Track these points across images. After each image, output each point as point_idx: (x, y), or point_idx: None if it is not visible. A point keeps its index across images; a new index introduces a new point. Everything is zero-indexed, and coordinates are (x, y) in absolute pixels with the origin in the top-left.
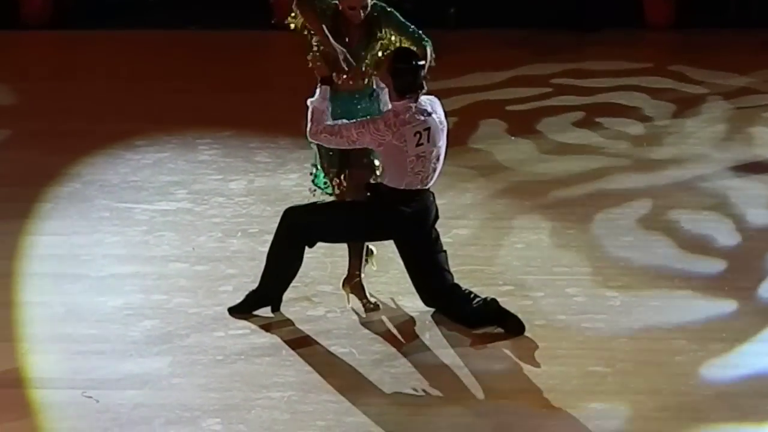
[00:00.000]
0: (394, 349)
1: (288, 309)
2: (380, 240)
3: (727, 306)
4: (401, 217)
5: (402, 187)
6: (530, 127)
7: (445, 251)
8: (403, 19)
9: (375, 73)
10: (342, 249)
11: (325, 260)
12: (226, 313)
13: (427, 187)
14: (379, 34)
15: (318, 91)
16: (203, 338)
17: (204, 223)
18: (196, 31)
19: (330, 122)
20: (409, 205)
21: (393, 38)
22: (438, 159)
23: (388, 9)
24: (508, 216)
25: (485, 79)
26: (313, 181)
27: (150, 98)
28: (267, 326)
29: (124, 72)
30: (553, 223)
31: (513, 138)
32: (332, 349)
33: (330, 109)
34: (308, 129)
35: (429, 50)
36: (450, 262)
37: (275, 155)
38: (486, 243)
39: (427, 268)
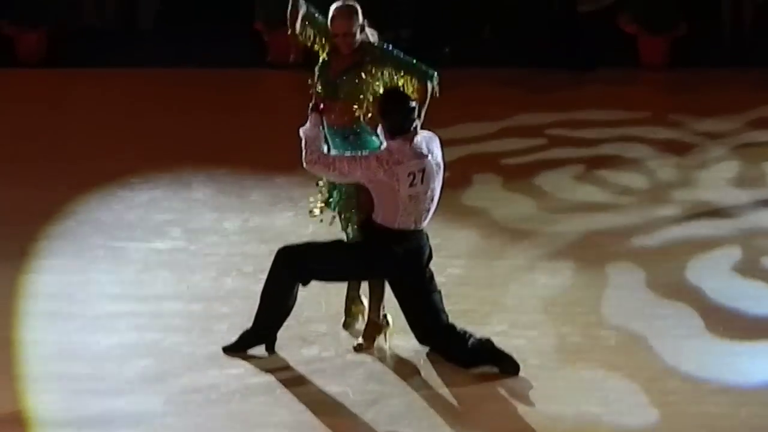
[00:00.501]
0: (389, 389)
1: (282, 348)
2: (374, 279)
3: (720, 344)
4: (395, 257)
5: (395, 227)
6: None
7: (439, 291)
8: (402, 56)
9: (357, 109)
10: (336, 288)
11: (319, 299)
12: (221, 352)
13: (420, 228)
14: (363, 71)
15: (309, 118)
16: (197, 377)
17: (198, 261)
18: (191, 68)
19: (325, 152)
20: (402, 245)
21: (395, 78)
22: (432, 200)
23: (388, 49)
24: (502, 255)
25: (478, 130)
26: (327, 201)
27: (144, 136)
28: (261, 366)
29: (118, 110)
30: (547, 263)
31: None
32: (327, 388)
33: (322, 138)
34: (303, 157)
35: (431, 85)
36: (444, 301)
37: (270, 194)
38: (480, 282)
39: (422, 307)
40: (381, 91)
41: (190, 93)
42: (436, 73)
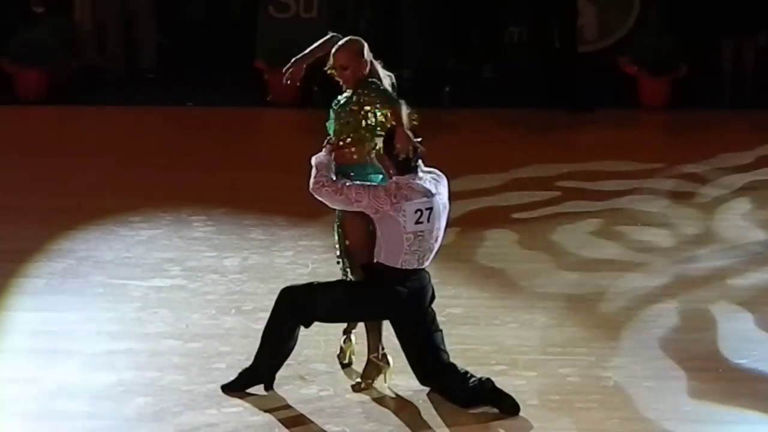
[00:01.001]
0: (388, 429)
1: (281, 387)
2: (376, 320)
3: (718, 389)
4: (398, 298)
5: (398, 266)
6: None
7: (441, 330)
8: (383, 88)
9: (350, 144)
10: (335, 327)
11: (318, 338)
12: (219, 390)
13: (423, 267)
14: (352, 105)
15: (324, 149)
16: (196, 416)
17: (198, 300)
18: (191, 107)
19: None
20: (405, 285)
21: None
22: (437, 240)
23: (376, 84)
24: (501, 295)
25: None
26: None
27: (144, 174)
28: (260, 404)
29: (118, 147)
30: (546, 303)
31: None
32: (325, 427)
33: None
34: (311, 182)
35: (403, 110)
36: (444, 341)
37: (269, 232)
38: (479, 322)
39: (424, 348)
40: (377, 127)
41: (189, 131)
42: (402, 102)
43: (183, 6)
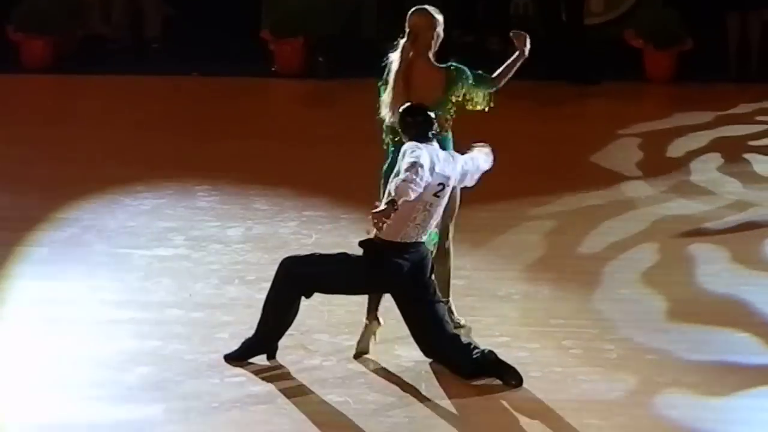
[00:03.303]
0: (390, 399)
1: (284, 357)
2: (378, 293)
3: (718, 362)
4: (399, 271)
5: (398, 240)
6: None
7: (442, 302)
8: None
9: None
10: (339, 298)
11: (321, 308)
12: (222, 360)
13: (422, 240)
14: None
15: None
16: (198, 385)
17: (201, 269)
18: (196, 77)
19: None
20: (404, 257)
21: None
22: (438, 216)
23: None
24: (505, 267)
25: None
26: None
27: (149, 144)
28: (262, 374)
29: (123, 117)
30: (549, 274)
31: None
32: (328, 398)
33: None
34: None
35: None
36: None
37: (273, 202)
38: (483, 294)
39: (427, 320)
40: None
41: (195, 101)
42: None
43: None
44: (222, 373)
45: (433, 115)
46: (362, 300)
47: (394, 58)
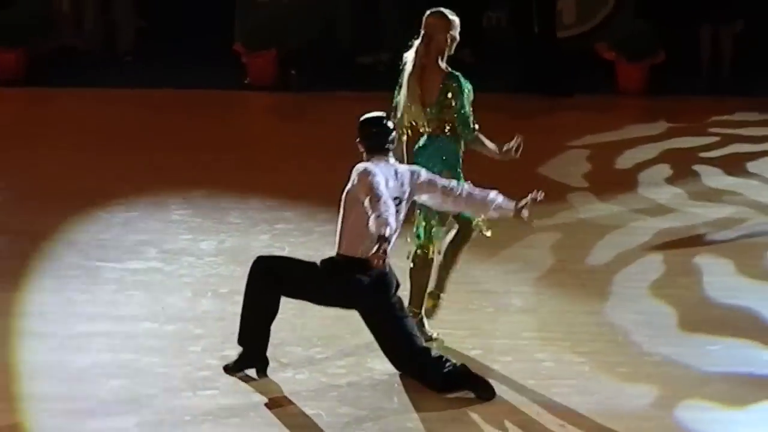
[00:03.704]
0: (362, 413)
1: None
2: (343, 308)
3: (691, 375)
4: (360, 287)
5: (359, 256)
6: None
7: (409, 316)
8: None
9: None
10: (312, 310)
11: (294, 321)
12: (195, 373)
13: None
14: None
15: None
16: (171, 398)
17: (174, 282)
18: (169, 89)
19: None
20: (367, 273)
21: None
22: (397, 230)
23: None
24: (477, 280)
25: None
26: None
27: (121, 156)
28: (235, 387)
29: (96, 129)
30: (522, 288)
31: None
32: (300, 411)
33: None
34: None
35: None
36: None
37: (246, 216)
38: (455, 306)
39: (395, 335)
40: None
41: (167, 114)
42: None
43: None
44: (195, 385)
45: (391, 126)
46: (335, 313)
47: (408, 59)
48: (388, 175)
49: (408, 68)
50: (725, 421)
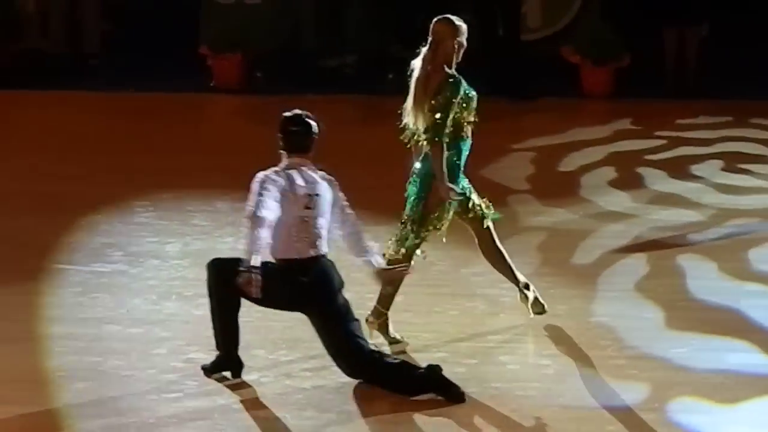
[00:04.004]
0: (328, 416)
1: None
2: (288, 310)
3: (655, 377)
4: (302, 287)
5: (295, 257)
6: None
7: (357, 320)
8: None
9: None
10: (276, 314)
11: (259, 325)
12: (160, 375)
13: (320, 254)
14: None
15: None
16: (136, 401)
17: (139, 285)
18: (134, 93)
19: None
20: (306, 274)
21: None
22: (324, 227)
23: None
24: (442, 283)
25: None
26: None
27: (86, 159)
28: (200, 390)
29: (61, 132)
30: (486, 290)
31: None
32: (264, 414)
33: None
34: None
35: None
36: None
37: (211, 218)
38: (420, 310)
39: (342, 337)
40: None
41: (133, 117)
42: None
43: None
44: (159, 389)
45: (313, 127)
46: (300, 316)
47: (416, 66)
48: (293, 176)
49: (415, 75)
50: (707, 421)
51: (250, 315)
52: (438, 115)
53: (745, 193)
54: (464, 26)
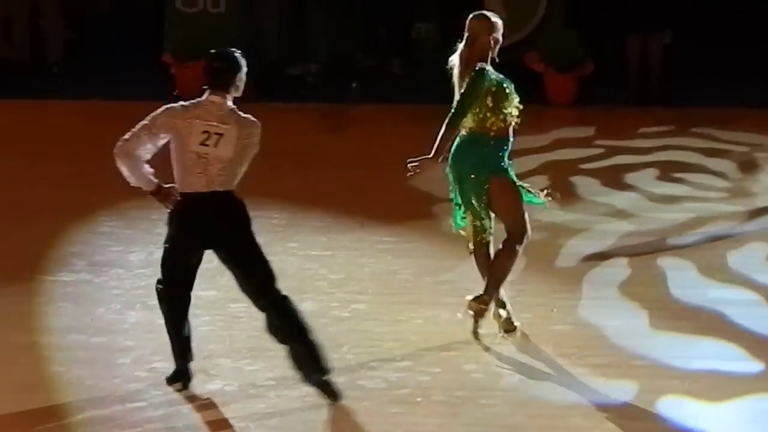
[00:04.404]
0: (291, 425)
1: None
2: (205, 249)
3: (622, 382)
4: (197, 221)
5: (191, 191)
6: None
7: (269, 261)
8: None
9: None
10: (241, 323)
11: (223, 333)
12: (124, 385)
13: (222, 189)
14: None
15: None
16: (99, 411)
17: (103, 294)
18: (98, 101)
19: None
20: (202, 208)
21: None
22: (224, 168)
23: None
24: (406, 291)
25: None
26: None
27: (50, 168)
28: (164, 399)
29: (23, 140)
30: (450, 299)
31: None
32: (229, 423)
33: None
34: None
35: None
36: (348, 337)
37: None
38: (384, 318)
39: (253, 268)
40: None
41: (96, 125)
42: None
43: None
44: (123, 398)
45: (238, 65)
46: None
47: (454, 62)
48: (191, 112)
49: (455, 72)
50: (682, 424)
51: (213, 324)
52: (463, 93)
53: (677, 202)
54: (500, 22)
